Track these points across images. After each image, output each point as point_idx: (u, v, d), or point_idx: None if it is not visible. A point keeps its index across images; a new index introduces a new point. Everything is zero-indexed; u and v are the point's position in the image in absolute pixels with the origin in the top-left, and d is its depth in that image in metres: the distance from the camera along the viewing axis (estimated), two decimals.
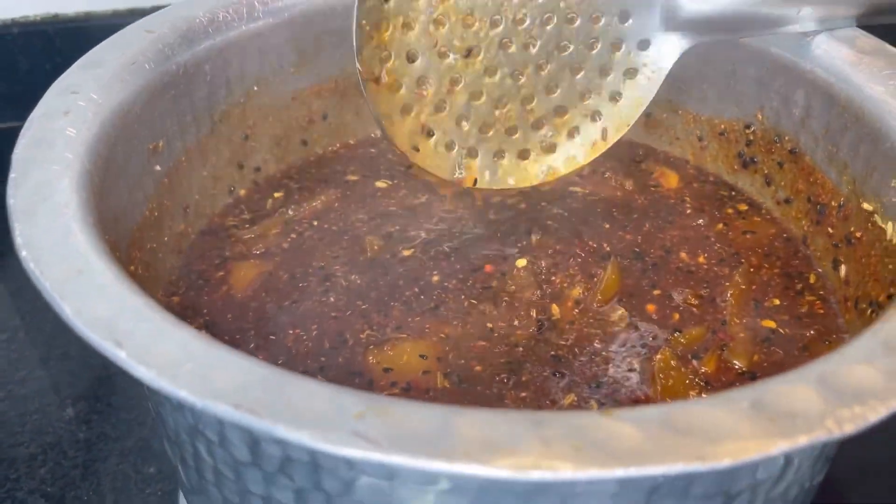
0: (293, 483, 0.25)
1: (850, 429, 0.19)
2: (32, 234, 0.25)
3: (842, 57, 0.37)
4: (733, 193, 0.44)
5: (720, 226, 0.42)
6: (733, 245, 0.41)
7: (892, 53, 0.36)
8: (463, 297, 0.37)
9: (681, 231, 0.42)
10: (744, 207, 0.43)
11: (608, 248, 0.40)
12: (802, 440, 0.19)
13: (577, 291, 0.37)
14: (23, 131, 0.31)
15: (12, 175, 0.28)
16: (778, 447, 0.19)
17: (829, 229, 0.38)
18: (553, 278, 0.38)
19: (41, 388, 0.49)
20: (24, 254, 0.25)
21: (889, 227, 0.33)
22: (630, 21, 0.39)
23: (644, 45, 0.39)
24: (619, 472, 0.18)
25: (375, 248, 0.40)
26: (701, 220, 0.42)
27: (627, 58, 0.40)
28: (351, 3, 0.45)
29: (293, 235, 0.41)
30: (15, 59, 0.71)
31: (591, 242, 0.40)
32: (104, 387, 0.49)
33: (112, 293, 0.23)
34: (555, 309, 0.37)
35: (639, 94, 0.40)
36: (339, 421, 0.19)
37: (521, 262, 0.39)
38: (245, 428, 0.20)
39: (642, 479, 0.22)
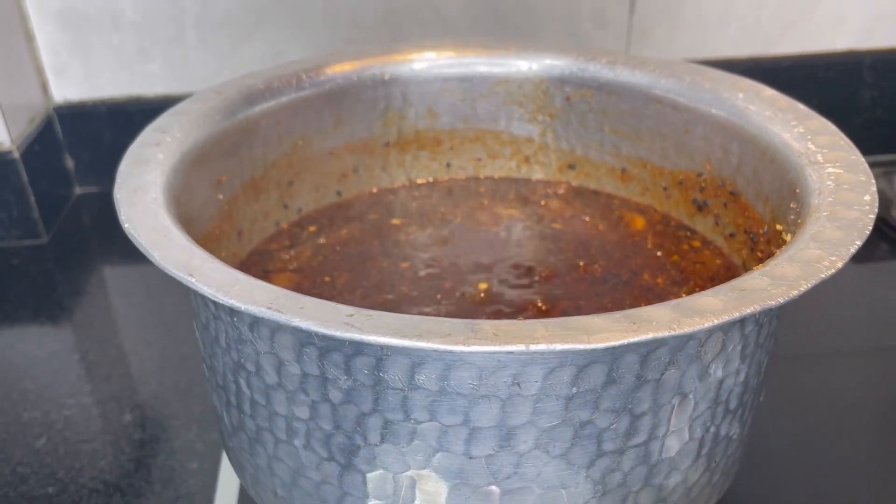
0: (308, 397, 0.34)
1: (687, 329, 0.27)
2: (132, 214, 0.36)
3: (763, 114, 0.47)
4: (689, 234, 0.53)
5: (675, 257, 0.51)
6: (685, 272, 0.49)
7: (800, 110, 0.46)
8: (456, 308, 0.46)
9: (644, 260, 0.50)
10: (697, 244, 0.52)
11: (599, 270, 0.49)
12: (650, 334, 0.27)
13: (564, 303, 0.46)
14: (125, 155, 0.41)
15: (118, 181, 0.39)
16: (634, 338, 0.27)
17: (759, 253, 0.47)
18: (544, 296, 0.47)
19: (105, 398, 0.57)
20: (126, 226, 0.35)
21: (788, 237, 0.41)
22: None
23: None
24: (521, 346, 0.27)
25: (384, 264, 0.49)
26: (660, 253, 0.51)
27: None
28: (379, 77, 0.57)
29: (320, 257, 0.51)
30: (101, 133, 0.83)
31: (581, 265, 0.49)
32: (156, 398, 0.57)
33: (186, 247, 0.33)
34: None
35: None
36: (336, 317, 0.28)
37: (509, 282, 0.48)
38: (273, 324, 0.29)
39: (547, 361, 0.30)
